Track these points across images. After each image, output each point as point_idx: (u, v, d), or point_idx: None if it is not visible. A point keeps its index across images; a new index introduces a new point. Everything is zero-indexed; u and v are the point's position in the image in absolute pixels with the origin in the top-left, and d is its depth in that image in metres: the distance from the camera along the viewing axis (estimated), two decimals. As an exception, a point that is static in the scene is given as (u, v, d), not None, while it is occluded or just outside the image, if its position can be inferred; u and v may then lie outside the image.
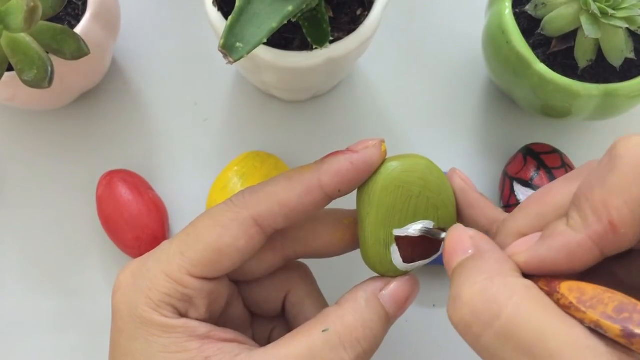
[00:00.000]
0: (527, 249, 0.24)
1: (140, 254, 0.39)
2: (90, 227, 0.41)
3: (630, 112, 0.39)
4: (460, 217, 0.29)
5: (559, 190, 0.25)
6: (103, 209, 0.39)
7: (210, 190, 0.39)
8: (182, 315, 0.27)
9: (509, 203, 0.39)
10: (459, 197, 0.29)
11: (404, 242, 0.28)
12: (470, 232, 0.25)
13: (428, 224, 0.28)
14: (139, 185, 0.40)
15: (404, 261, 0.28)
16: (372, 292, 0.28)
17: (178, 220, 0.42)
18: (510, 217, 0.26)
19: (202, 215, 0.29)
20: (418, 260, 0.28)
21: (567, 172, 0.39)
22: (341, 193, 0.28)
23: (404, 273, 0.28)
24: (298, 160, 0.42)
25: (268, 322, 0.33)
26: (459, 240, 0.25)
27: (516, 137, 0.43)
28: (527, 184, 0.39)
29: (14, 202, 0.42)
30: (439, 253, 0.29)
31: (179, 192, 0.42)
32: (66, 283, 0.41)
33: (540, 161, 0.39)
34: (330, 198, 0.28)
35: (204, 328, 0.27)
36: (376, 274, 0.29)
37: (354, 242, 0.30)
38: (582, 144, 0.43)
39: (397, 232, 0.28)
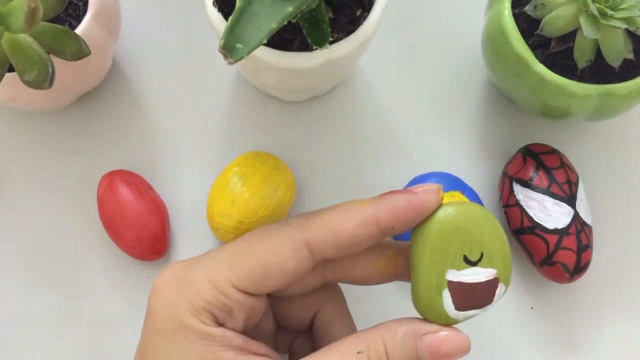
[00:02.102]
0: None
1: (141, 254, 0.39)
2: (91, 227, 0.41)
3: (629, 113, 0.39)
4: None
5: None
6: (104, 209, 0.39)
7: (210, 190, 0.39)
8: (220, 324, 0.28)
9: (508, 203, 0.39)
10: None
11: (456, 288, 0.27)
12: None
13: (489, 272, 0.27)
14: (139, 185, 0.40)
15: (456, 308, 0.27)
16: (412, 332, 0.27)
17: (178, 220, 0.42)
18: None
19: (255, 230, 0.29)
20: (471, 310, 0.27)
21: (566, 172, 0.39)
22: (394, 231, 0.28)
23: (455, 322, 0.28)
24: (298, 160, 0.43)
25: (290, 332, 0.33)
26: None
27: (515, 137, 0.43)
28: (526, 184, 0.39)
29: (14, 203, 0.42)
30: (492, 303, 0.28)
31: (179, 192, 0.42)
32: (66, 283, 0.41)
33: (539, 161, 0.39)
34: (383, 235, 0.28)
35: (239, 340, 0.27)
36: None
37: (393, 274, 0.30)
38: (581, 144, 0.43)
39: (450, 276, 0.27)
